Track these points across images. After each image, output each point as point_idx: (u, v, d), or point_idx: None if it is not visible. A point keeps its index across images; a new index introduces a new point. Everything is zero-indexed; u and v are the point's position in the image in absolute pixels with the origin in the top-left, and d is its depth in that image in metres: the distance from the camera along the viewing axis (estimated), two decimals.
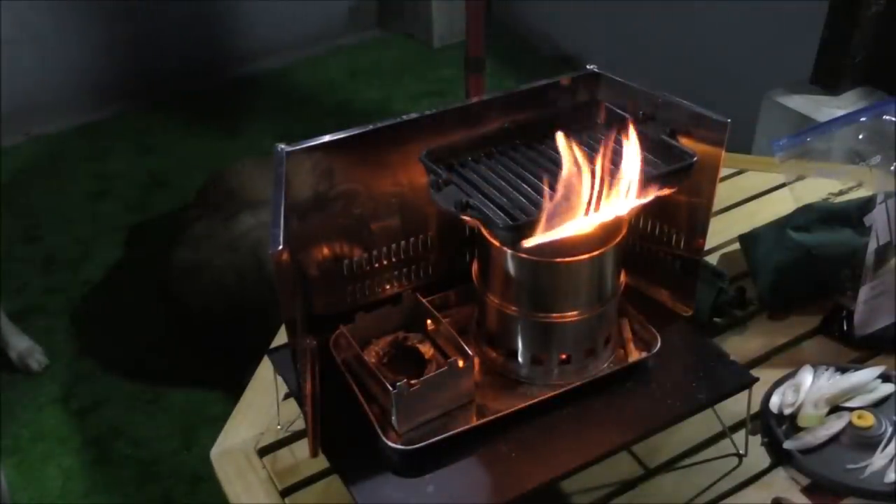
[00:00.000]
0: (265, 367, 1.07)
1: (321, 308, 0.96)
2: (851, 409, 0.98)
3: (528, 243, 0.80)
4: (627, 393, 0.90)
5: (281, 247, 0.74)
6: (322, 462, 0.88)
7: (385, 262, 0.97)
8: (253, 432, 1.01)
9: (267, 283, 1.85)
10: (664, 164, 0.86)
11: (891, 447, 0.94)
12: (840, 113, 1.55)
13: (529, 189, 0.84)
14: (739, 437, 0.97)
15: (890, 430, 0.96)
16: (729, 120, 0.85)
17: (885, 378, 1.01)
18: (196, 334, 2.08)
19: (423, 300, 0.94)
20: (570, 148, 0.80)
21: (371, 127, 0.88)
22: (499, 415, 0.86)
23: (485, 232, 0.86)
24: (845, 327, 1.10)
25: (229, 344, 1.91)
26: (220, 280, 1.93)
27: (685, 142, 0.88)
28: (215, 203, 2.07)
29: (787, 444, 0.95)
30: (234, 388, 1.09)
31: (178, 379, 2.03)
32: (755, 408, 0.98)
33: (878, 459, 0.93)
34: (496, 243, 0.85)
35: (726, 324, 1.14)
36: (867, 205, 1.09)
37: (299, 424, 1.01)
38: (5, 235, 2.45)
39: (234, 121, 2.99)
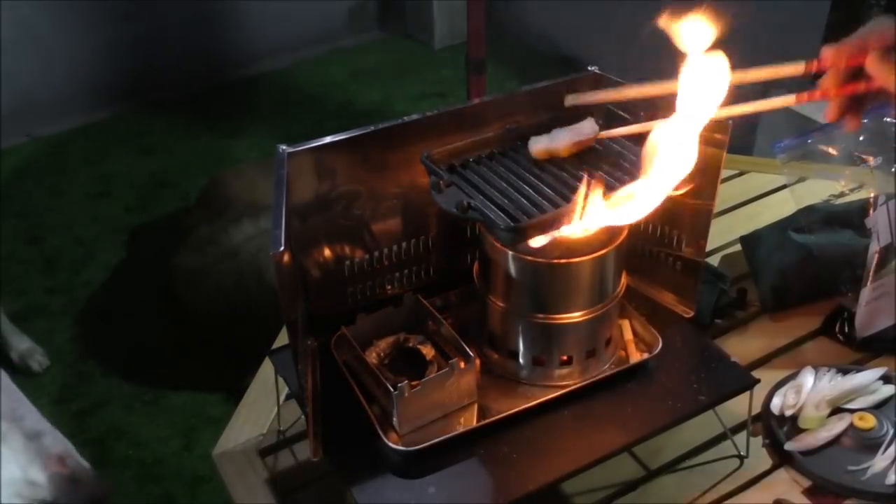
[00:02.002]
0: (266, 369, 1.07)
1: (322, 309, 0.96)
2: (853, 411, 0.98)
3: (529, 244, 0.80)
4: (629, 394, 0.90)
5: (282, 248, 0.74)
6: (323, 463, 0.88)
7: (386, 264, 0.97)
8: (254, 433, 1.02)
9: (268, 289, 1.86)
10: None
11: (892, 449, 0.94)
12: None
13: (531, 190, 0.84)
14: (741, 438, 0.97)
15: (891, 431, 0.96)
16: (730, 121, 0.85)
17: (886, 380, 1.01)
18: (197, 337, 2.08)
19: (425, 301, 0.94)
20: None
21: (372, 128, 0.88)
22: (500, 416, 0.86)
23: (486, 233, 0.86)
24: (846, 329, 1.10)
25: (230, 347, 1.91)
26: (221, 286, 1.94)
27: None
28: (216, 207, 2.08)
29: (789, 446, 0.95)
30: (234, 389, 1.10)
31: (178, 380, 2.03)
32: (756, 409, 0.98)
33: (880, 461, 0.93)
34: (497, 244, 0.85)
35: (727, 325, 1.14)
36: (868, 206, 1.09)
37: (300, 425, 1.01)
38: (6, 236, 2.45)
39: (235, 122, 2.99)
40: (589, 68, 0.97)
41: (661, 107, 0.90)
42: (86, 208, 2.61)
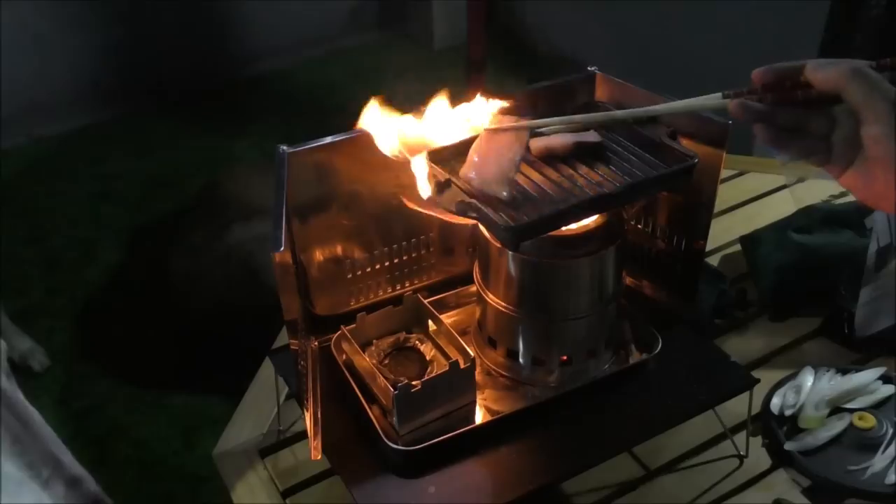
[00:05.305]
0: (266, 369, 1.07)
1: (322, 309, 0.96)
2: (852, 411, 0.98)
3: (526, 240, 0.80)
4: (628, 394, 0.90)
5: (282, 248, 0.74)
6: (323, 463, 0.88)
7: (386, 263, 0.98)
8: (254, 433, 1.02)
9: (262, 291, 1.87)
10: (665, 165, 0.86)
11: (892, 448, 0.94)
12: None
13: (530, 190, 0.84)
14: (740, 438, 0.97)
15: (891, 431, 0.96)
16: (730, 121, 0.85)
17: (885, 379, 1.01)
18: (197, 337, 2.08)
19: (425, 301, 0.94)
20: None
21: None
22: (500, 416, 0.86)
23: (486, 233, 0.86)
24: (846, 329, 1.10)
25: (230, 348, 1.91)
26: (214, 290, 1.95)
27: (686, 143, 0.88)
28: (210, 211, 2.09)
29: (788, 446, 0.95)
30: (234, 389, 1.10)
31: (179, 380, 2.03)
32: (756, 409, 0.99)
33: (879, 461, 0.93)
34: (497, 244, 0.85)
35: (727, 325, 1.14)
36: (868, 207, 1.09)
37: (300, 425, 1.01)
38: (7, 236, 2.45)
39: (236, 122, 2.99)
40: (589, 68, 0.97)
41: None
42: (86, 208, 2.61)
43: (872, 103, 0.55)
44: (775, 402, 1.00)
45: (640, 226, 1.00)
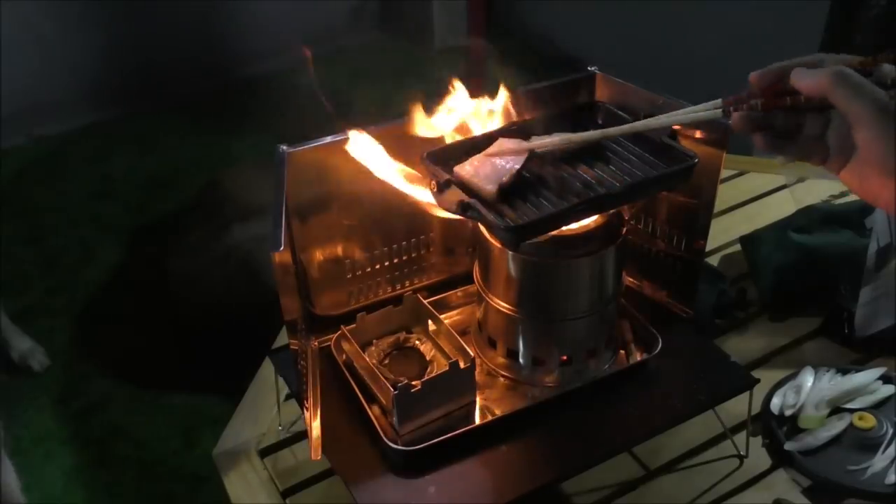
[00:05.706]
0: (266, 369, 1.07)
1: (322, 309, 0.96)
2: (852, 411, 0.98)
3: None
4: (628, 394, 0.90)
5: (282, 248, 0.74)
6: (323, 463, 0.88)
7: (386, 263, 0.97)
8: (254, 433, 1.02)
9: (262, 291, 1.87)
10: (665, 165, 0.86)
11: (892, 448, 0.94)
12: None
13: (530, 190, 0.84)
14: (740, 438, 0.97)
15: (891, 431, 0.96)
16: (730, 121, 0.85)
17: (885, 379, 1.01)
18: (197, 337, 2.08)
19: (425, 301, 0.94)
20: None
21: (372, 128, 0.88)
22: (500, 416, 0.86)
23: (486, 233, 0.86)
24: (846, 329, 1.10)
25: (228, 350, 1.91)
26: (214, 290, 1.95)
27: (686, 143, 0.88)
28: (210, 211, 2.09)
29: (788, 446, 0.95)
30: (234, 389, 1.10)
31: (179, 380, 2.03)
32: (756, 409, 0.99)
33: (879, 461, 0.93)
34: (497, 244, 0.85)
35: (727, 325, 1.14)
36: (867, 207, 1.09)
37: (300, 425, 1.01)
38: (7, 236, 2.45)
39: (236, 122, 2.99)
40: (589, 68, 0.97)
41: (661, 106, 0.90)
42: (86, 208, 2.61)
43: (858, 108, 0.56)
44: (775, 402, 1.00)
45: (640, 226, 1.00)
